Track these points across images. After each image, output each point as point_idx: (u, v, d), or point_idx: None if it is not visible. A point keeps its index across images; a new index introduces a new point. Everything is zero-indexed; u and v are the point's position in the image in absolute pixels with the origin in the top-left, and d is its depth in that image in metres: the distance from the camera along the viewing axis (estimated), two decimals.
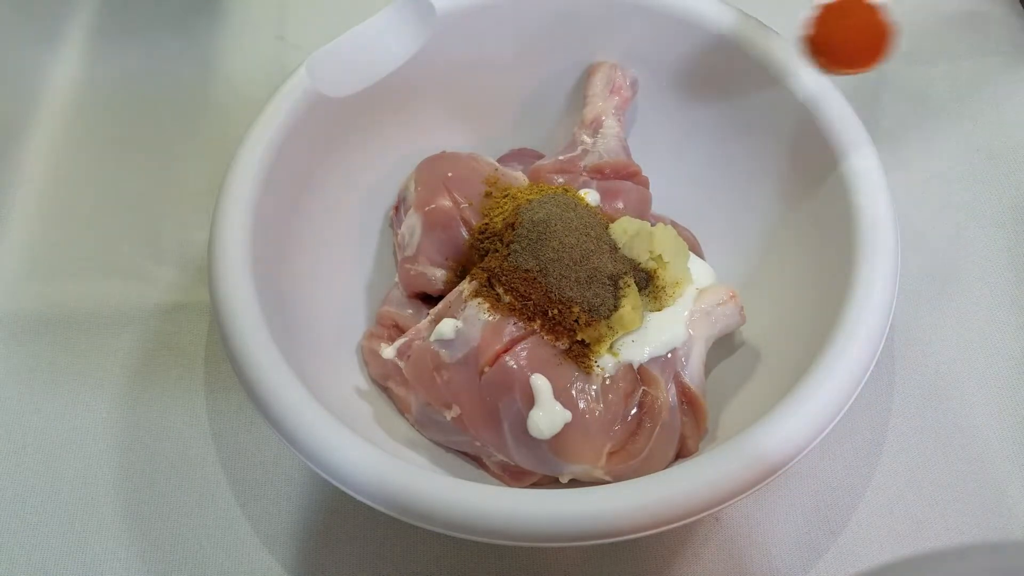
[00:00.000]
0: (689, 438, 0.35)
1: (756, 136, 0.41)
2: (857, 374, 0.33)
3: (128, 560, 0.37)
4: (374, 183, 0.43)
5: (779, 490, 0.38)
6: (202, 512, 0.38)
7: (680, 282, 0.36)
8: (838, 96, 0.38)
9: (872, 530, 0.37)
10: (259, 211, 0.36)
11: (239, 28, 0.53)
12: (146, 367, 0.42)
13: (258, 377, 0.33)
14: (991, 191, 0.45)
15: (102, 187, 0.47)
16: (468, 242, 0.38)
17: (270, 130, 0.38)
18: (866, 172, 0.36)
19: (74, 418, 0.40)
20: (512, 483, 0.36)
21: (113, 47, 0.52)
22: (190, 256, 0.45)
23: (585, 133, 0.42)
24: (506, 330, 0.34)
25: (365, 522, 0.38)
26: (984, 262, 0.43)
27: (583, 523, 0.30)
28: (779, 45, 0.39)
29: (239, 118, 0.48)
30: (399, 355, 0.36)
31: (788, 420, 0.31)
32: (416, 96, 0.42)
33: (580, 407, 0.33)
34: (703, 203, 0.43)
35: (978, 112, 0.47)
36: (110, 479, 0.39)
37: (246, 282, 0.34)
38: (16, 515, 0.38)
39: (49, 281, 0.44)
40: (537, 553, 0.37)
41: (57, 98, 0.50)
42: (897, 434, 0.39)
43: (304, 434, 0.32)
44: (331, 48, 0.39)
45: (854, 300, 0.34)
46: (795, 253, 0.39)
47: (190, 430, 0.40)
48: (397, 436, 0.37)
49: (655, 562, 0.37)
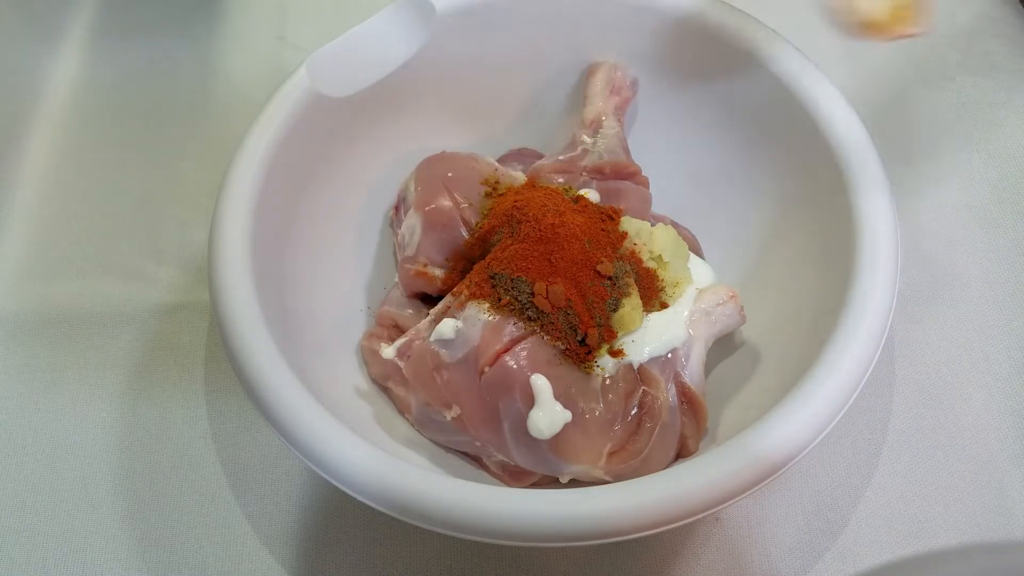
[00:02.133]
0: (689, 438, 0.35)
1: (756, 136, 0.41)
2: (857, 374, 0.33)
3: (128, 560, 0.37)
4: (374, 183, 0.43)
5: (779, 490, 0.38)
6: (202, 512, 0.38)
7: (680, 282, 0.36)
8: (839, 96, 0.38)
9: (872, 530, 0.37)
10: (259, 211, 0.36)
11: (239, 28, 0.53)
12: (146, 367, 0.42)
13: (258, 377, 0.33)
14: (991, 191, 0.45)
15: (102, 187, 0.47)
16: (468, 242, 0.38)
17: (270, 130, 0.38)
18: (866, 172, 0.36)
19: (74, 418, 0.40)
20: (512, 483, 0.36)
21: (113, 47, 0.52)
22: (190, 256, 0.45)
23: (585, 133, 0.42)
24: (506, 330, 0.34)
25: (365, 522, 0.38)
26: (984, 262, 0.43)
27: (583, 523, 0.30)
28: (779, 45, 0.39)
29: (239, 118, 0.48)
30: (399, 355, 0.36)
31: (788, 420, 0.31)
32: (416, 96, 0.42)
33: (580, 407, 0.33)
34: (703, 203, 0.43)
35: (978, 112, 0.47)
36: (110, 479, 0.39)
37: (246, 282, 0.34)
38: (16, 515, 0.38)
39: (49, 281, 0.44)
40: (537, 553, 0.37)
41: (57, 98, 0.50)
42: (897, 434, 0.39)
43: (304, 434, 0.32)
44: (331, 48, 0.39)
45: (854, 300, 0.34)
46: (795, 253, 0.39)
47: (190, 430, 0.40)
48: (397, 436, 0.37)
49: (655, 562, 0.37)
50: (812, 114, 0.38)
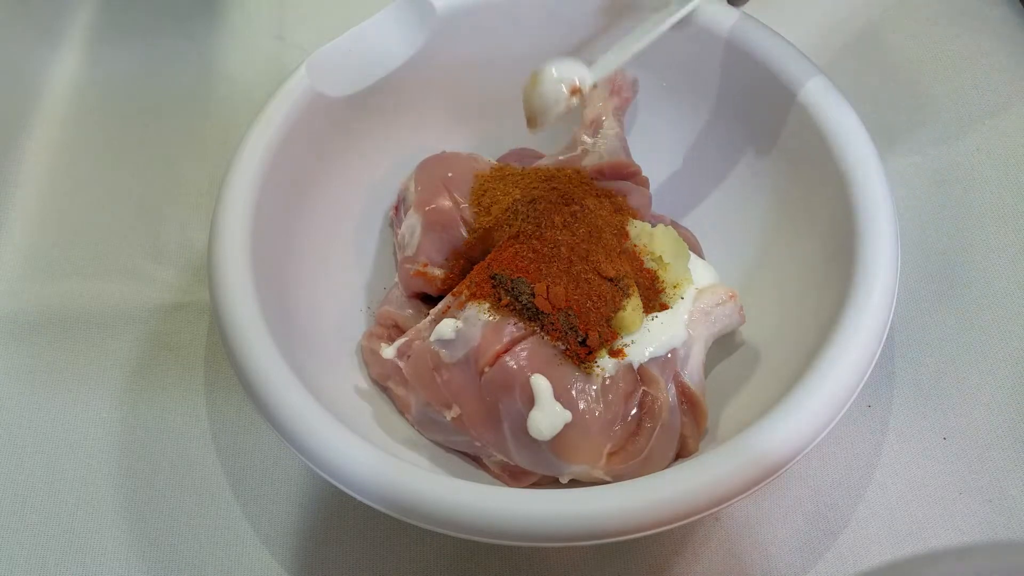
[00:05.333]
0: (689, 438, 0.35)
1: (756, 136, 0.41)
2: (857, 374, 0.33)
3: (128, 560, 0.37)
4: (374, 183, 0.43)
5: (779, 490, 0.38)
6: (202, 512, 0.38)
7: (680, 283, 0.36)
8: (839, 97, 0.38)
9: (872, 530, 0.37)
10: (259, 211, 0.36)
11: (239, 28, 0.53)
12: (146, 367, 0.42)
13: (258, 377, 0.33)
14: (991, 191, 0.44)
15: (102, 187, 0.47)
16: (468, 242, 0.38)
17: (270, 130, 0.38)
18: (866, 172, 0.36)
19: (74, 418, 0.40)
20: (512, 483, 0.36)
21: (113, 47, 0.52)
22: (190, 256, 0.45)
23: (585, 133, 0.42)
24: (506, 330, 0.34)
25: (365, 522, 0.38)
26: (984, 262, 0.43)
27: (583, 523, 0.30)
28: (780, 45, 0.39)
29: (239, 118, 0.48)
30: (399, 355, 0.36)
31: (788, 420, 0.31)
32: (416, 96, 0.42)
33: (580, 407, 0.33)
34: (703, 203, 0.43)
35: (978, 112, 0.47)
36: (110, 479, 0.39)
37: (246, 282, 0.34)
38: (16, 515, 0.38)
39: (49, 281, 0.44)
40: (537, 553, 0.37)
41: (57, 98, 0.50)
42: (897, 434, 0.39)
43: (304, 434, 0.32)
44: (331, 48, 0.39)
45: (854, 300, 0.34)
46: (795, 253, 0.39)
47: (190, 430, 0.40)
48: (397, 436, 0.37)
49: (655, 562, 0.37)
50: (812, 114, 0.38)
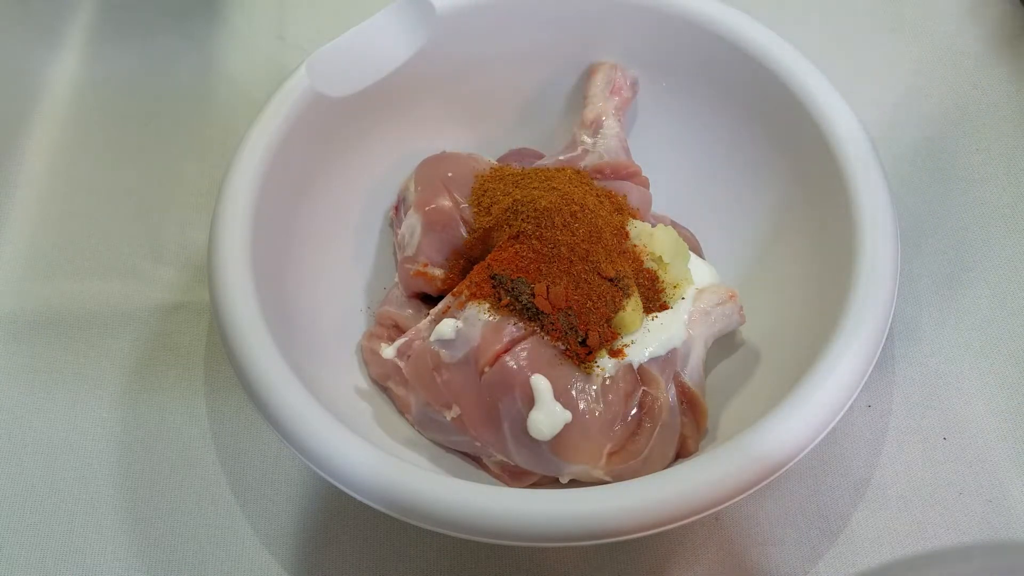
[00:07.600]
0: (689, 438, 0.35)
1: (756, 136, 0.41)
2: (857, 374, 0.33)
3: (128, 560, 0.37)
4: (374, 183, 0.43)
5: (779, 490, 0.38)
6: (202, 512, 0.38)
7: (680, 283, 0.36)
8: (839, 97, 0.38)
9: (872, 530, 0.37)
10: (259, 211, 0.36)
11: (239, 28, 0.53)
12: (146, 367, 0.42)
13: (258, 377, 0.33)
14: (991, 191, 0.44)
15: (102, 187, 0.47)
16: (468, 242, 0.38)
17: (270, 130, 0.38)
18: (866, 172, 0.36)
19: (74, 418, 0.40)
20: (512, 483, 0.36)
21: (113, 47, 0.52)
22: (190, 256, 0.45)
23: (585, 133, 0.42)
24: (506, 330, 0.34)
25: (365, 522, 0.38)
26: (984, 262, 0.43)
27: (583, 523, 0.30)
28: (780, 46, 0.39)
29: (239, 118, 0.48)
30: (399, 355, 0.36)
31: (788, 420, 0.31)
32: (416, 96, 0.42)
33: (580, 407, 0.33)
34: (703, 203, 0.43)
35: (978, 112, 0.47)
36: (110, 479, 0.39)
37: (246, 282, 0.34)
38: (16, 515, 0.38)
39: (49, 281, 0.44)
40: (537, 553, 0.37)
41: (57, 98, 0.50)
42: (897, 434, 0.39)
43: (304, 434, 0.32)
44: (331, 48, 0.39)
45: (854, 300, 0.34)
46: (795, 253, 0.39)
47: (190, 430, 0.40)
48: (397, 436, 0.37)
49: (655, 562, 0.37)
50: (812, 114, 0.38)
